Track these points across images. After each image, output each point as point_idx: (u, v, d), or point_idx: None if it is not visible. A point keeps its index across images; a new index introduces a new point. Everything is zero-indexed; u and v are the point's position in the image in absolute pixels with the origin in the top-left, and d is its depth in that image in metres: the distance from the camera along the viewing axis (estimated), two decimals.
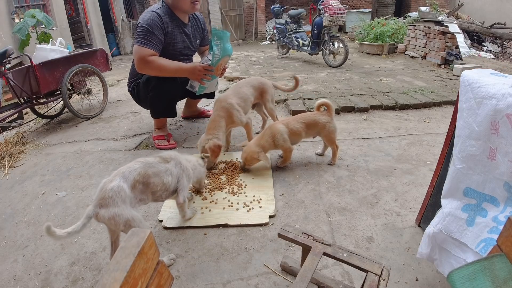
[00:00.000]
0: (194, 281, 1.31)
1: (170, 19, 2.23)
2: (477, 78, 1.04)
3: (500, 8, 8.89)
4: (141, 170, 1.32)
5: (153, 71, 2.17)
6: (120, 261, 0.52)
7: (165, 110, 2.46)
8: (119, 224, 1.20)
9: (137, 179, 1.30)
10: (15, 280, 1.37)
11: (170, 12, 2.24)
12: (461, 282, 0.71)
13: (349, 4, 10.73)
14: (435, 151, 2.26)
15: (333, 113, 2.04)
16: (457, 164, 1.08)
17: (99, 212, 1.18)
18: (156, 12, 2.16)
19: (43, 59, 3.13)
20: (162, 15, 2.16)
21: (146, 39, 2.09)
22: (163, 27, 2.16)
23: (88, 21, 8.03)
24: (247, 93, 2.31)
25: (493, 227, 0.98)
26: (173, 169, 1.45)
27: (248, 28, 10.39)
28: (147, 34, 2.09)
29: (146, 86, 2.33)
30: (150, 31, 2.10)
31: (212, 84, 2.41)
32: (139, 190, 1.32)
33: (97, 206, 1.19)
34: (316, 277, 1.13)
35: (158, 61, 2.12)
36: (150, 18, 2.11)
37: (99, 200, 1.20)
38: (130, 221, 1.21)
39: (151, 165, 1.37)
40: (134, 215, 1.24)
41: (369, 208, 1.69)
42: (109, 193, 1.19)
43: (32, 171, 2.31)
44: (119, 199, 1.20)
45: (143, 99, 2.45)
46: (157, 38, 2.13)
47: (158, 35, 2.13)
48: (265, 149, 1.98)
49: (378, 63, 5.46)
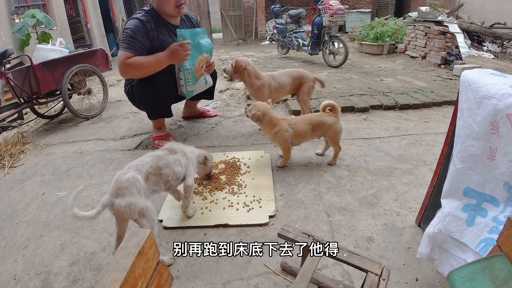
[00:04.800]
0: (194, 281, 1.31)
1: (157, 24, 2.21)
2: (477, 78, 1.04)
3: (500, 8, 8.90)
4: (152, 163, 1.39)
5: (135, 71, 2.16)
6: (120, 261, 0.52)
7: (160, 111, 2.46)
8: (134, 212, 1.25)
9: (149, 171, 1.36)
10: (15, 280, 1.37)
11: (157, 17, 2.23)
12: (461, 282, 0.71)
13: (349, 4, 10.74)
14: (435, 151, 2.26)
15: (339, 113, 2.04)
16: (457, 164, 1.08)
17: (115, 201, 1.22)
18: (139, 18, 2.16)
19: (43, 59, 3.13)
20: (146, 21, 2.16)
21: (128, 44, 2.10)
22: (147, 32, 2.15)
23: (88, 21, 8.04)
24: (285, 81, 2.55)
25: (493, 227, 0.98)
26: (181, 159, 1.52)
27: (248, 28, 10.39)
28: (130, 39, 2.10)
29: (139, 88, 2.31)
30: (133, 37, 2.10)
31: (199, 85, 2.38)
32: (152, 182, 1.39)
33: (113, 195, 1.24)
34: (316, 277, 1.13)
35: (136, 60, 2.10)
36: (134, 25, 2.12)
37: (115, 190, 1.25)
38: (144, 210, 1.26)
39: (161, 158, 1.44)
40: (148, 205, 1.29)
41: (369, 208, 1.69)
42: (125, 183, 1.25)
43: (32, 171, 2.31)
44: (134, 189, 1.26)
45: (138, 101, 2.45)
46: (140, 43, 2.12)
47: (141, 40, 2.12)
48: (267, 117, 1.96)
49: (378, 63, 5.46)
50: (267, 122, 1.97)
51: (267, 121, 1.96)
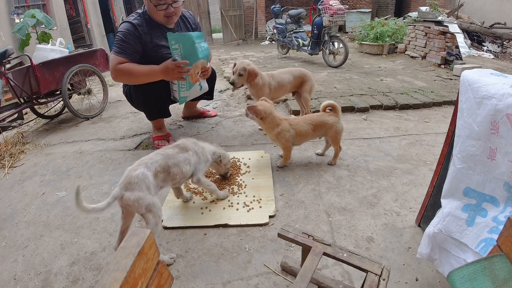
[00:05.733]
0: (194, 281, 1.31)
1: (150, 26, 2.16)
2: (477, 78, 1.04)
3: (500, 8, 8.90)
4: (162, 162, 1.43)
5: (125, 77, 2.13)
6: (120, 261, 0.52)
7: (158, 112, 2.45)
8: (142, 207, 1.30)
9: (158, 170, 1.41)
10: (15, 280, 1.37)
11: (151, 20, 2.17)
12: (461, 282, 0.71)
13: (349, 4, 10.74)
14: (435, 151, 2.26)
15: (339, 113, 2.04)
16: (457, 164, 1.08)
17: (125, 194, 1.28)
18: (131, 22, 2.11)
19: (43, 59, 3.13)
20: (138, 24, 2.11)
21: (120, 48, 2.07)
22: (139, 36, 2.11)
23: (88, 21, 8.04)
24: (285, 79, 2.57)
25: (493, 227, 0.98)
26: (191, 158, 1.56)
27: (248, 28, 10.38)
28: (121, 43, 2.07)
29: (136, 90, 2.31)
30: (125, 41, 2.07)
31: (193, 92, 2.29)
32: (161, 179, 1.44)
33: (123, 189, 1.29)
34: (316, 277, 1.13)
35: (128, 67, 2.07)
36: (126, 28, 2.09)
37: (125, 184, 1.30)
38: (151, 206, 1.31)
39: (171, 157, 1.48)
40: (155, 201, 1.34)
41: (369, 208, 1.69)
42: (135, 179, 1.30)
43: (32, 171, 2.31)
44: (143, 185, 1.31)
45: (136, 102, 2.45)
46: (132, 47, 2.09)
47: (133, 44, 2.09)
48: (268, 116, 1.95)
49: (378, 63, 5.45)
50: (269, 122, 1.96)
51: (270, 120, 1.96)
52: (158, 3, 2.06)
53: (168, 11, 2.11)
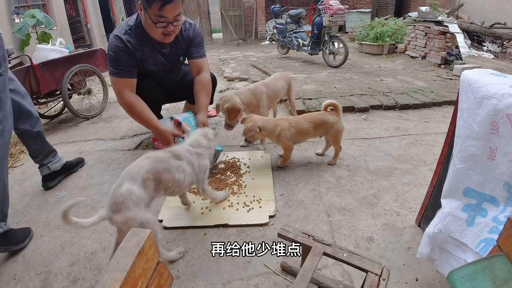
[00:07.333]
0: (194, 281, 1.31)
1: (141, 41, 2.00)
2: (477, 78, 1.04)
3: (500, 8, 8.90)
4: (149, 167, 1.28)
5: (129, 112, 2.06)
6: (120, 261, 0.52)
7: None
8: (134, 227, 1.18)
9: (146, 177, 1.26)
10: (15, 280, 1.37)
11: (143, 34, 1.99)
12: (461, 282, 0.71)
13: (349, 4, 10.74)
14: (435, 151, 2.26)
15: (340, 113, 2.05)
16: (457, 164, 1.08)
17: (113, 216, 1.17)
18: (120, 36, 1.96)
19: (43, 59, 3.13)
20: (127, 40, 1.96)
21: (116, 68, 1.97)
22: (129, 51, 1.98)
23: (88, 21, 8.04)
24: (279, 86, 2.53)
25: (493, 227, 0.98)
26: (186, 168, 1.41)
27: (248, 28, 10.39)
28: (115, 62, 1.96)
29: None
30: (117, 58, 1.95)
31: None
32: (152, 188, 1.29)
33: (109, 210, 1.18)
34: (316, 277, 1.13)
35: (137, 108, 2.00)
36: (115, 45, 1.95)
37: (111, 205, 1.18)
38: (144, 224, 1.19)
39: (161, 161, 1.34)
40: (148, 217, 1.22)
41: (369, 208, 1.69)
42: (120, 198, 1.17)
43: (32, 171, 2.31)
44: (130, 203, 1.18)
45: None
46: (125, 62, 1.98)
47: (125, 59, 1.97)
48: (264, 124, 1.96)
49: (378, 63, 5.46)
50: (268, 131, 1.97)
51: (267, 130, 1.97)
52: (158, 21, 1.86)
53: (167, 30, 1.93)
